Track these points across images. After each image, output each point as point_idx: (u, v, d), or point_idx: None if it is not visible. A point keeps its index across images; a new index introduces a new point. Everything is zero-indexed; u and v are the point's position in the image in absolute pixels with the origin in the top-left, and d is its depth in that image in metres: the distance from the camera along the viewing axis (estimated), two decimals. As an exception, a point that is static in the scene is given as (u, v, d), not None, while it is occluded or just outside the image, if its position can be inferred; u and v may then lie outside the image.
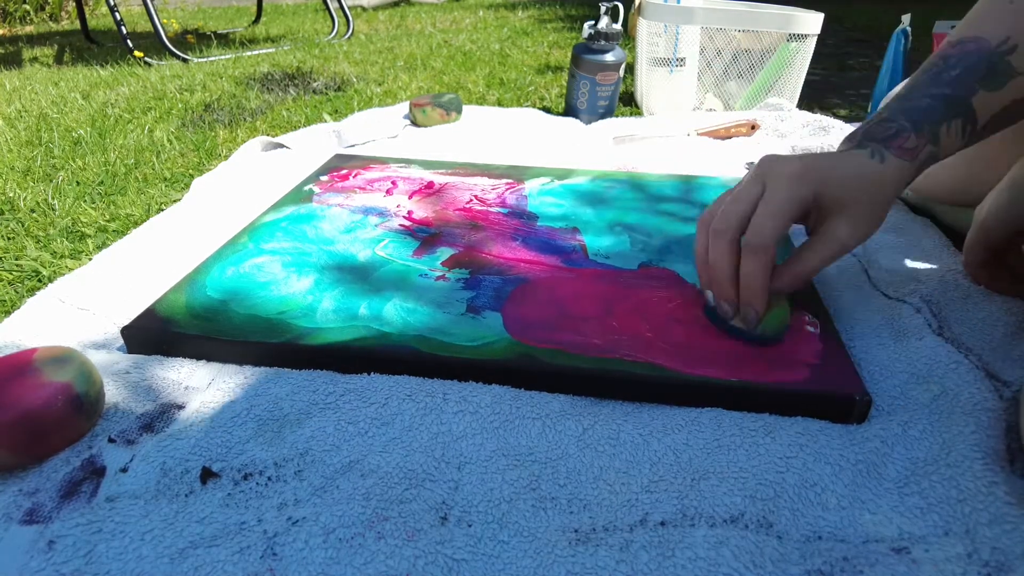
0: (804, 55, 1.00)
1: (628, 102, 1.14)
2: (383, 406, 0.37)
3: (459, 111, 0.97)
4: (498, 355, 0.39)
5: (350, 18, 2.01)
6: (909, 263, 0.53)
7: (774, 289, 0.40)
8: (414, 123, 0.97)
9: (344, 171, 0.69)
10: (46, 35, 2.29)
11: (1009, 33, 0.40)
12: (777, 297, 0.41)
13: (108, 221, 0.65)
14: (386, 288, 0.46)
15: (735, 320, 0.40)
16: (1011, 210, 0.41)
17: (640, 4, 1.03)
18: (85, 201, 0.70)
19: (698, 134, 0.90)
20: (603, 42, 0.96)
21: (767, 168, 0.41)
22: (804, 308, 0.44)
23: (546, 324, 0.42)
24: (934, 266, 0.52)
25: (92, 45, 1.90)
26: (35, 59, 1.70)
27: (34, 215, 0.66)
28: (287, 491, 0.32)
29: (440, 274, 0.48)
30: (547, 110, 1.07)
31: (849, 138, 0.42)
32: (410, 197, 0.62)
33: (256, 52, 1.61)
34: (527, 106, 1.09)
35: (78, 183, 0.75)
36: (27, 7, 2.64)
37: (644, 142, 0.88)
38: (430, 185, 0.65)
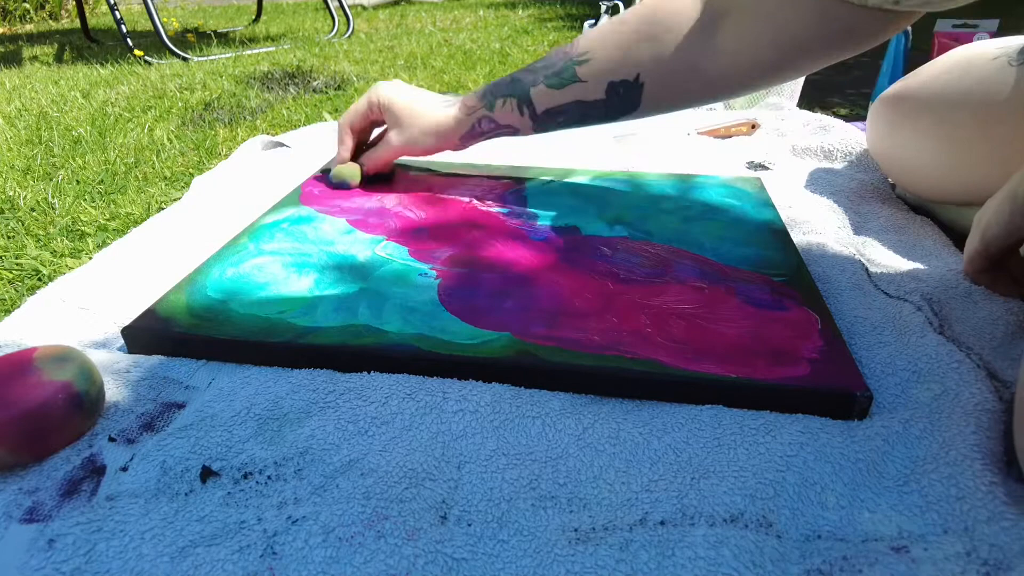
0: (804, 54, 0.99)
1: (628, 101, 1.13)
2: (383, 405, 0.37)
3: (459, 110, 0.97)
4: (498, 353, 0.39)
5: (350, 17, 2.01)
6: (909, 262, 0.53)
7: (360, 160, 0.64)
8: (414, 122, 0.96)
9: (344, 170, 0.69)
10: (46, 34, 2.29)
11: (590, 48, 0.50)
12: (355, 165, 0.64)
13: (108, 220, 0.65)
14: (386, 287, 0.46)
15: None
16: (1012, 221, 0.41)
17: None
18: (85, 200, 0.70)
19: (698, 133, 0.90)
20: (603, 41, 0.96)
21: (377, 84, 0.61)
22: (805, 305, 0.44)
23: (546, 321, 0.42)
24: (935, 265, 0.52)
25: (92, 44, 1.90)
26: (35, 58, 1.70)
27: (34, 214, 0.66)
28: (287, 490, 0.32)
29: (440, 272, 0.48)
30: (547, 109, 1.07)
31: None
32: (410, 198, 0.62)
33: (256, 51, 1.61)
34: (527, 105, 1.09)
35: (78, 182, 0.75)
36: (27, 5, 2.64)
37: (644, 141, 0.88)
38: (430, 186, 0.65)
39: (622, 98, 0.51)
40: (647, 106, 0.51)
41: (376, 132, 0.68)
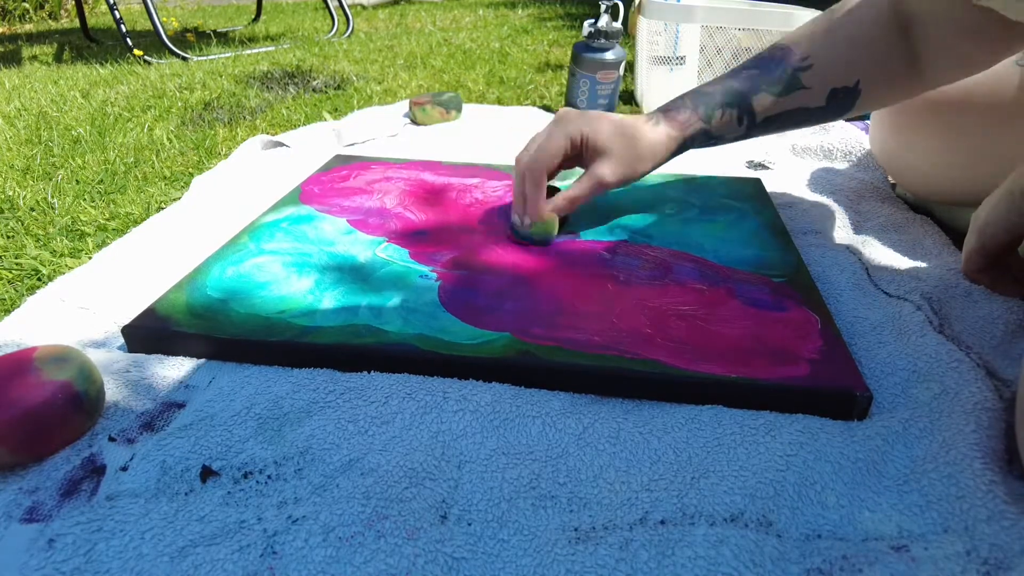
0: (804, 53, 0.99)
1: (628, 100, 1.14)
2: (383, 405, 0.37)
3: (459, 109, 0.97)
4: (498, 353, 0.39)
5: (350, 16, 2.01)
6: (909, 261, 0.53)
7: (550, 208, 0.52)
8: (414, 122, 0.96)
9: (344, 172, 0.69)
10: (45, 33, 2.29)
11: (811, 53, 0.49)
12: (553, 215, 0.52)
13: (108, 220, 0.65)
14: (386, 288, 0.46)
15: (521, 228, 0.52)
16: (1009, 218, 0.41)
17: (640, 2, 1.03)
18: (85, 200, 0.70)
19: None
20: (603, 40, 0.96)
21: (558, 116, 0.52)
22: (805, 305, 0.44)
23: (546, 322, 0.42)
24: (934, 264, 0.52)
25: (91, 43, 1.90)
26: (34, 57, 1.69)
27: (34, 214, 0.66)
28: (287, 490, 0.32)
29: (440, 275, 0.48)
30: (547, 108, 1.07)
31: (658, 108, 0.52)
32: (410, 198, 0.62)
33: (256, 50, 1.61)
34: (527, 104, 1.09)
35: (78, 182, 0.75)
36: (26, 5, 2.64)
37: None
38: (430, 186, 0.65)
39: (839, 104, 0.50)
40: (856, 110, 0.51)
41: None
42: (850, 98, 0.49)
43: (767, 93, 0.49)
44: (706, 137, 0.51)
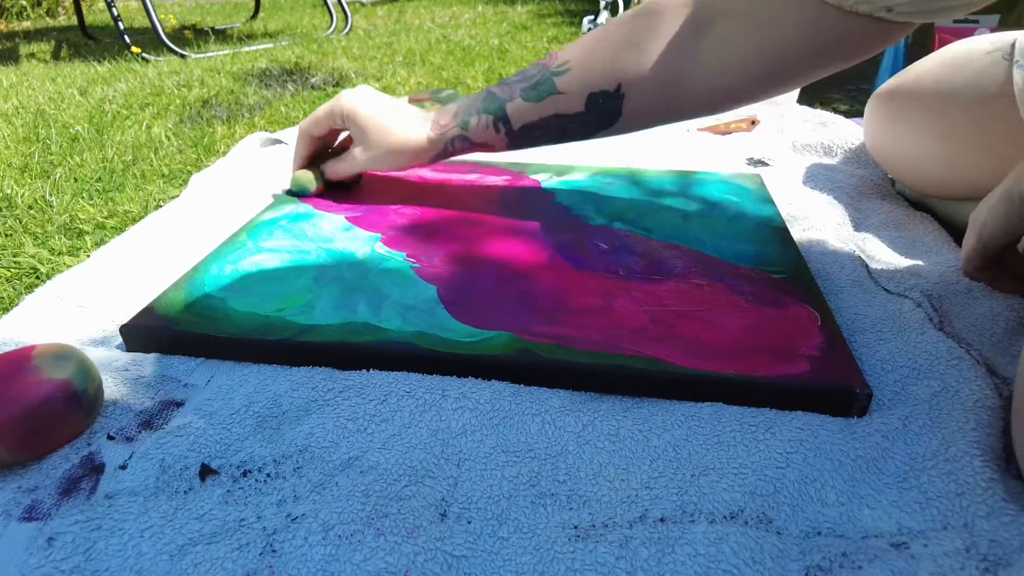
0: (804, 50, 0.99)
1: (627, 97, 1.13)
2: (382, 403, 0.37)
3: (458, 107, 0.97)
4: (497, 351, 0.39)
5: (348, 13, 2.00)
6: (909, 258, 0.53)
7: (330, 173, 0.60)
8: (413, 119, 0.96)
9: (343, 167, 0.69)
10: (43, 31, 2.28)
11: (571, 58, 0.48)
12: (312, 171, 0.60)
13: (106, 218, 0.65)
14: (385, 286, 0.46)
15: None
16: (1008, 220, 0.41)
17: (639, -1, 1.03)
18: (83, 198, 0.69)
19: (698, 129, 0.90)
20: (602, 37, 0.95)
21: (344, 92, 0.56)
22: (805, 302, 0.44)
23: (545, 319, 0.42)
24: (935, 261, 0.52)
25: (89, 41, 1.89)
26: (32, 55, 1.69)
27: (32, 212, 0.66)
28: (286, 488, 0.32)
29: (439, 271, 0.48)
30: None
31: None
32: (408, 193, 0.62)
33: (254, 48, 1.61)
34: (526, 101, 1.09)
35: (76, 180, 0.75)
36: (24, 2, 2.63)
37: (643, 137, 0.87)
38: (429, 181, 0.65)
39: (601, 110, 0.48)
40: (629, 119, 0.49)
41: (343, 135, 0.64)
42: (612, 103, 0.47)
43: (522, 99, 0.49)
44: (467, 143, 0.52)
